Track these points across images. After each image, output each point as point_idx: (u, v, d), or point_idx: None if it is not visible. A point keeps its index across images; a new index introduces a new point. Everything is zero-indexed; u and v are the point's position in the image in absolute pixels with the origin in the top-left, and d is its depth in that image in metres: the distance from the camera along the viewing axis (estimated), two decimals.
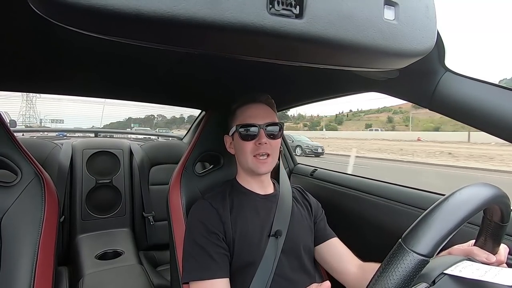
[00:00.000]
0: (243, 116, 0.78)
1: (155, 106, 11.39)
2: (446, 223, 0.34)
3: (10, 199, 0.69)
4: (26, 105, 18.36)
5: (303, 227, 0.81)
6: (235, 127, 0.77)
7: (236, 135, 0.78)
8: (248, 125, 0.75)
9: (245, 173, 0.82)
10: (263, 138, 0.75)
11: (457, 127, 22.64)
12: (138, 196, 1.74)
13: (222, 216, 0.73)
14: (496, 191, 0.39)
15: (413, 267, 0.32)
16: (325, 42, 0.34)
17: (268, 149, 0.75)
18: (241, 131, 0.76)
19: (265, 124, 0.75)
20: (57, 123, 13.31)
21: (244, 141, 0.76)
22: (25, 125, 11.78)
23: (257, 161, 0.75)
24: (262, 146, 0.74)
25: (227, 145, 0.85)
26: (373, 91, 0.79)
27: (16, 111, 17.54)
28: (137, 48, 0.36)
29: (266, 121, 0.76)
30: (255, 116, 0.76)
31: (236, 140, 0.79)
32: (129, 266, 1.39)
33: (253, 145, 0.75)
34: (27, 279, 0.64)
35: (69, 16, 0.28)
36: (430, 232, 0.34)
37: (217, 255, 0.69)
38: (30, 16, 0.38)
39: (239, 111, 0.80)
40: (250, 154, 0.75)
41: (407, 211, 0.87)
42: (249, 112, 0.78)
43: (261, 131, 0.75)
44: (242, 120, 0.77)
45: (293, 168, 1.50)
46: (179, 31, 0.30)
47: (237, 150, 0.80)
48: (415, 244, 0.33)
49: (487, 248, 0.46)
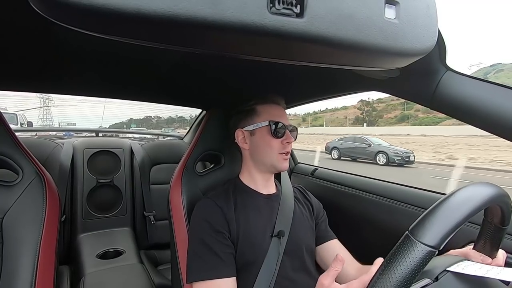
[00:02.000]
0: (268, 114, 0.79)
1: (151, 107, 11.69)
2: (453, 216, 0.34)
3: (12, 199, 0.69)
4: (44, 110, 21.28)
5: (305, 228, 0.81)
6: (268, 122, 0.77)
7: (263, 130, 0.78)
8: (280, 123, 0.78)
9: (256, 170, 0.82)
10: (291, 138, 0.78)
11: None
12: (139, 195, 1.74)
13: (226, 215, 0.73)
14: (500, 191, 0.39)
15: (420, 258, 0.32)
16: (326, 41, 0.34)
17: (290, 149, 0.80)
18: (274, 127, 0.77)
19: (289, 126, 0.79)
20: (71, 125, 14.44)
21: (274, 138, 0.77)
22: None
23: (282, 157, 0.78)
24: (288, 145, 0.78)
25: (238, 139, 0.83)
26: (373, 90, 0.79)
27: (35, 116, 20.01)
28: (138, 47, 0.36)
29: (289, 123, 0.80)
30: (282, 117, 0.80)
31: (261, 135, 0.78)
32: (130, 265, 1.39)
33: (281, 143, 0.77)
34: (28, 278, 0.64)
35: (70, 15, 0.28)
36: (438, 224, 0.34)
37: (224, 254, 0.68)
38: (31, 15, 0.38)
39: (262, 108, 0.80)
40: (277, 151, 0.77)
41: (408, 210, 0.87)
42: (275, 111, 0.80)
43: (287, 131, 0.79)
44: (270, 117, 0.78)
45: (294, 168, 1.50)
46: (180, 30, 0.30)
47: (260, 146, 0.79)
48: (422, 235, 0.33)
49: (486, 252, 0.47)
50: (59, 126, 4.84)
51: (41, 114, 21.62)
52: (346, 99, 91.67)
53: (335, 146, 12.42)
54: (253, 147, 0.81)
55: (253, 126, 0.79)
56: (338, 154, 12.17)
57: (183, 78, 1.05)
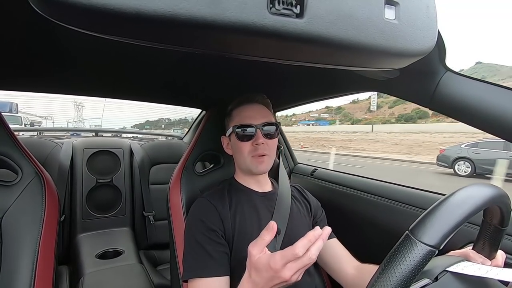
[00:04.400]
0: (239, 116, 0.78)
1: (165, 110, 12.34)
2: (454, 215, 0.34)
3: (11, 199, 0.69)
4: (77, 114, 23.48)
5: (302, 225, 0.81)
6: (232, 128, 0.77)
7: (233, 136, 0.78)
8: (245, 126, 0.75)
9: (242, 173, 0.83)
10: (260, 138, 0.75)
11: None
12: (138, 195, 1.74)
13: (221, 213, 0.73)
14: (500, 191, 0.39)
15: (421, 257, 0.32)
16: (325, 42, 0.34)
17: (265, 149, 0.75)
18: (238, 131, 0.76)
19: (261, 124, 0.75)
20: (98, 127, 16.13)
21: (241, 141, 0.76)
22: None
23: (255, 160, 0.76)
24: (259, 146, 0.75)
25: (224, 145, 0.85)
26: (373, 91, 0.79)
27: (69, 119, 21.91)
28: (138, 47, 0.36)
29: (263, 121, 0.76)
30: (251, 116, 0.76)
31: (233, 140, 0.79)
32: (129, 265, 1.39)
33: (251, 145, 0.75)
34: (27, 278, 0.64)
35: (70, 16, 0.28)
36: (438, 223, 0.34)
37: (216, 253, 0.69)
38: (31, 16, 0.38)
39: (235, 112, 0.80)
40: (248, 154, 0.76)
41: (407, 210, 0.87)
42: (245, 113, 0.77)
43: (258, 131, 0.75)
44: (239, 121, 0.77)
45: (294, 168, 1.50)
46: (180, 30, 0.30)
47: (235, 151, 0.80)
48: (423, 235, 0.33)
49: (485, 253, 0.47)
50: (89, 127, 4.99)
51: (75, 118, 23.80)
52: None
53: (464, 157, 8.32)
54: (233, 152, 0.82)
55: (228, 132, 0.80)
56: (471, 169, 8.18)
57: (183, 78, 1.05)
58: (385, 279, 0.32)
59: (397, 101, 54.58)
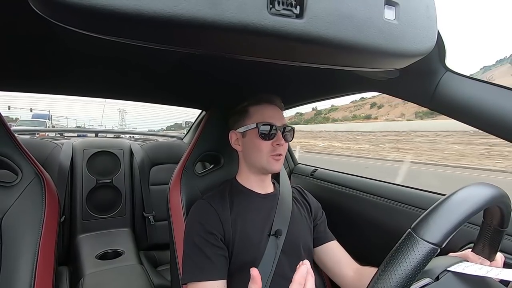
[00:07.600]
0: (261, 115, 0.77)
1: (183, 113, 12.68)
2: (456, 213, 0.35)
3: (11, 199, 0.69)
4: (120, 118, 27.42)
5: (303, 227, 0.81)
6: (256, 125, 0.76)
7: (253, 133, 0.77)
8: (270, 125, 0.75)
9: (250, 171, 0.81)
10: (281, 139, 0.76)
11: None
12: (139, 196, 1.74)
13: (221, 216, 0.73)
14: (501, 191, 0.39)
15: (423, 255, 0.32)
16: (325, 42, 0.34)
17: (282, 151, 0.77)
18: (262, 129, 0.75)
19: (282, 126, 0.77)
20: (133, 128, 17.20)
21: (262, 140, 0.75)
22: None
23: (272, 159, 0.76)
24: (279, 147, 0.75)
25: (232, 141, 0.83)
26: (373, 91, 0.79)
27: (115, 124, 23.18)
28: (138, 48, 0.36)
29: (283, 123, 0.77)
30: (273, 117, 0.77)
31: (250, 138, 0.78)
32: (129, 266, 1.39)
33: (271, 145, 0.76)
34: (27, 279, 0.64)
35: (70, 16, 0.28)
36: (441, 221, 0.34)
37: (215, 256, 0.69)
38: (31, 16, 0.38)
39: (253, 110, 0.78)
40: (267, 153, 0.76)
41: (407, 210, 0.87)
42: (268, 112, 0.78)
43: (278, 133, 0.76)
44: (262, 119, 0.76)
45: (294, 168, 1.50)
46: (180, 31, 0.30)
47: (250, 148, 0.78)
48: (425, 233, 0.33)
49: (484, 255, 0.47)
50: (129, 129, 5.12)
51: (119, 121, 27.19)
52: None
53: None
54: (245, 149, 0.80)
55: (244, 128, 0.79)
56: None
57: (183, 79, 1.05)
58: (387, 277, 0.32)
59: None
